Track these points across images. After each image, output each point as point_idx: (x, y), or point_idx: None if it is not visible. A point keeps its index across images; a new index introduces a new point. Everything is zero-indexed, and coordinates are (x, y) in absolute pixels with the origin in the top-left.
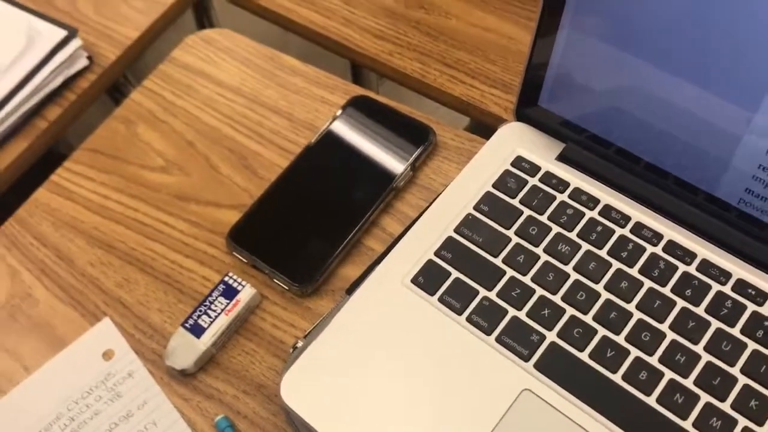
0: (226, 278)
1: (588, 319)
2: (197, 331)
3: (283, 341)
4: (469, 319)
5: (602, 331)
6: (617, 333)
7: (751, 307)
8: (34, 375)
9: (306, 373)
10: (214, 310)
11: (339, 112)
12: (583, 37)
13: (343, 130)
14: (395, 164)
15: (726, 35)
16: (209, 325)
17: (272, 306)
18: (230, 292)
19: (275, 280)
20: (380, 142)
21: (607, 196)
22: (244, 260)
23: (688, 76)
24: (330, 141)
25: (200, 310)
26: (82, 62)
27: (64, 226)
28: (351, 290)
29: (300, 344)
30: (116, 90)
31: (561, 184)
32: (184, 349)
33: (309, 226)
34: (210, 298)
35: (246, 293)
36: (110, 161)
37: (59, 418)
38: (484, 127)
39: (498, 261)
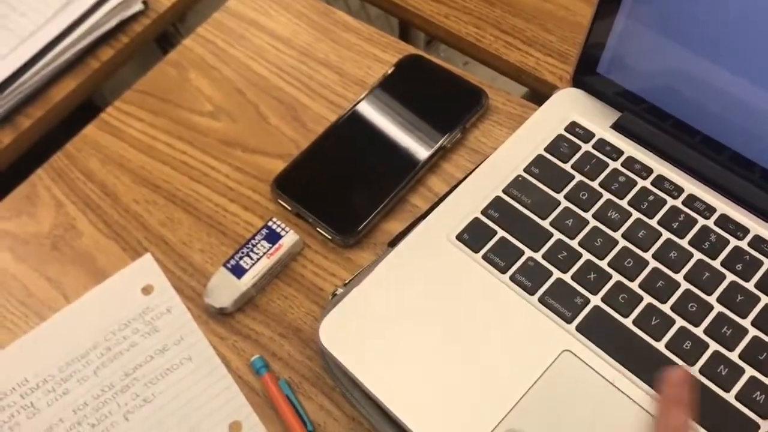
0: (270, 223)
1: (634, 286)
2: (238, 271)
3: (323, 289)
4: (512, 278)
5: (648, 299)
6: (663, 302)
7: None
8: (74, 304)
9: (345, 318)
10: (257, 253)
11: (390, 69)
12: (646, 8)
13: (394, 87)
14: (445, 124)
15: None
16: (250, 267)
17: (313, 254)
18: (273, 237)
19: (318, 230)
20: (431, 102)
21: (660, 166)
22: (288, 208)
23: (750, 55)
24: (380, 98)
25: (242, 252)
26: (138, 6)
27: (111, 162)
28: (393, 243)
29: (340, 291)
30: (165, 39)
31: (614, 152)
32: (224, 289)
33: (354, 179)
34: (253, 241)
35: (289, 239)
36: (160, 104)
37: (96, 347)
38: (537, 97)
39: (545, 223)
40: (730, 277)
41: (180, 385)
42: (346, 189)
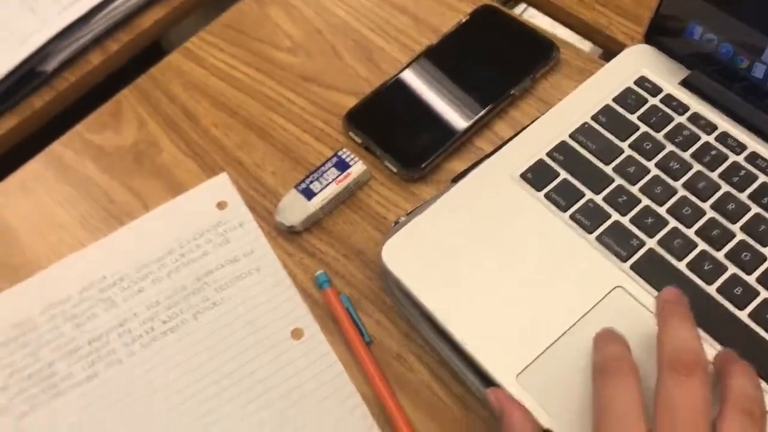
0: (340, 152)
1: (690, 232)
2: (308, 194)
3: (385, 217)
4: (572, 217)
5: (702, 245)
6: (717, 249)
7: None
8: (152, 212)
9: (407, 241)
10: (326, 179)
11: (465, 18)
12: None
13: (467, 35)
14: (515, 73)
15: None
16: (320, 191)
17: (379, 186)
18: (343, 165)
19: (385, 163)
20: (502, 51)
21: (725, 123)
22: (357, 141)
23: None
24: (453, 44)
25: (313, 177)
26: None
27: (192, 88)
28: (456, 179)
29: (403, 219)
30: None
31: (681, 107)
32: (295, 208)
33: (423, 119)
34: (323, 168)
35: (357, 168)
36: (241, 37)
37: (171, 253)
38: (605, 56)
39: (608, 169)
40: None
41: (247, 292)
42: (414, 127)
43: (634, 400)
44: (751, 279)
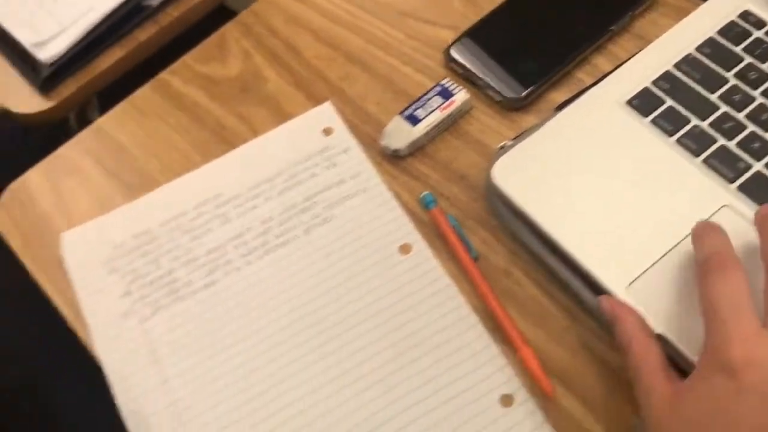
0: (443, 81)
1: None
2: (413, 120)
3: (488, 145)
4: (678, 141)
5: None
6: None
7: None
8: (262, 137)
9: (517, 161)
10: (430, 106)
11: None
12: None
13: None
14: (614, 9)
15: None
16: (424, 117)
17: (480, 115)
18: (446, 94)
19: (487, 92)
20: None
21: None
22: (458, 71)
23: None
24: None
25: (417, 104)
26: None
27: (294, 22)
28: (560, 108)
29: (509, 144)
30: None
31: None
32: (399, 134)
33: (524, 50)
34: (427, 96)
35: (461, 96)
36: None
37: (280, 174)
38: None
39: (713, 97)
40: None
41: (355, 210)
42: (516, 58)
43: (742, 293)
44: None
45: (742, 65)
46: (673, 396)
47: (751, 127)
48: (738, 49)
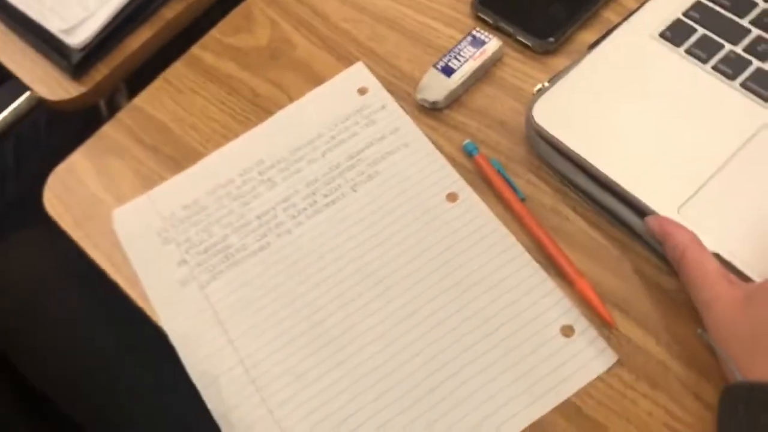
0: (474, 32)
1: None
2: (448, 71)
3: (523, 89)
4: (714, 68)
5: None
6: None
7: None
8: (298, 102)
9: (556, 101)
10: (463, 56)
11: None
12: None
13: None
14: None
15: None
16: (458, 68)
17: (512, 61)
18: (477, 43)
19: (518, 38)
20: None
21: None
22: (488, 21)
23: None
24: None
25: (450, 55)
26: None
27: None
28: (592, 46)
29: (546, 85)
30: None
31: None
32: (436, 86)
33: None
34: (459, 47)
35: (492, 44)
36: None
37: (321, 136)
38: None
39: (744, 22)
40: None
41: (399, 164)
42: (543, 2)
43: None
44: None
45: None
46: (744, 297)
47: None
48: None
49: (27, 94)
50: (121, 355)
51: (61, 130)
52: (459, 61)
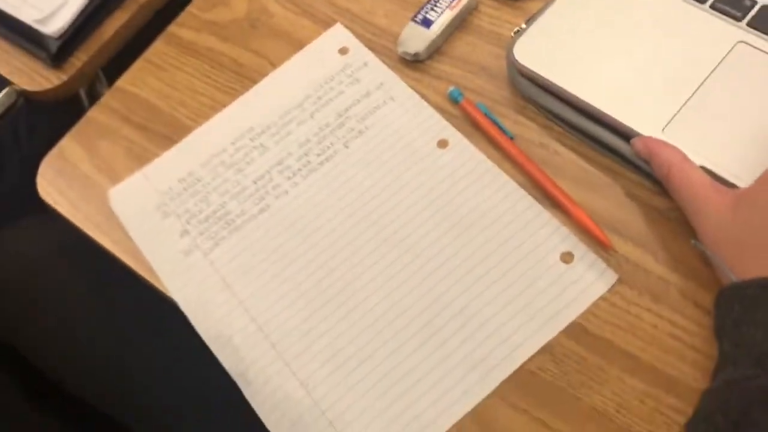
0: None
1: None
2: (426, 23)
3: (500, 34)
4: None
5: None
6: None
7: None
8: (281, 68)
9: (536, 39)
10: (440, 7)
11: None
12: None
13: None
14: None
15: None
16: (436, 19)
17: (488, 9)
18: None
19: None
20: None
21: None
22: None
23: None
24: None
25: (427, 8)
26: None
27: None
28: None
29: (523, 27)
30: None
31: None
32: (416, 38)
33: None
34: None
35: None
36: None
37: (308, 98)
38: None
39: None
40: None
41: (387, 118)
42: None
43: None
44: None
45: None
46: (732, 203)
47: None
48: None
49: (6, 89)
50: (128, 333)
51: (42, 136)
52: (436, 12)
